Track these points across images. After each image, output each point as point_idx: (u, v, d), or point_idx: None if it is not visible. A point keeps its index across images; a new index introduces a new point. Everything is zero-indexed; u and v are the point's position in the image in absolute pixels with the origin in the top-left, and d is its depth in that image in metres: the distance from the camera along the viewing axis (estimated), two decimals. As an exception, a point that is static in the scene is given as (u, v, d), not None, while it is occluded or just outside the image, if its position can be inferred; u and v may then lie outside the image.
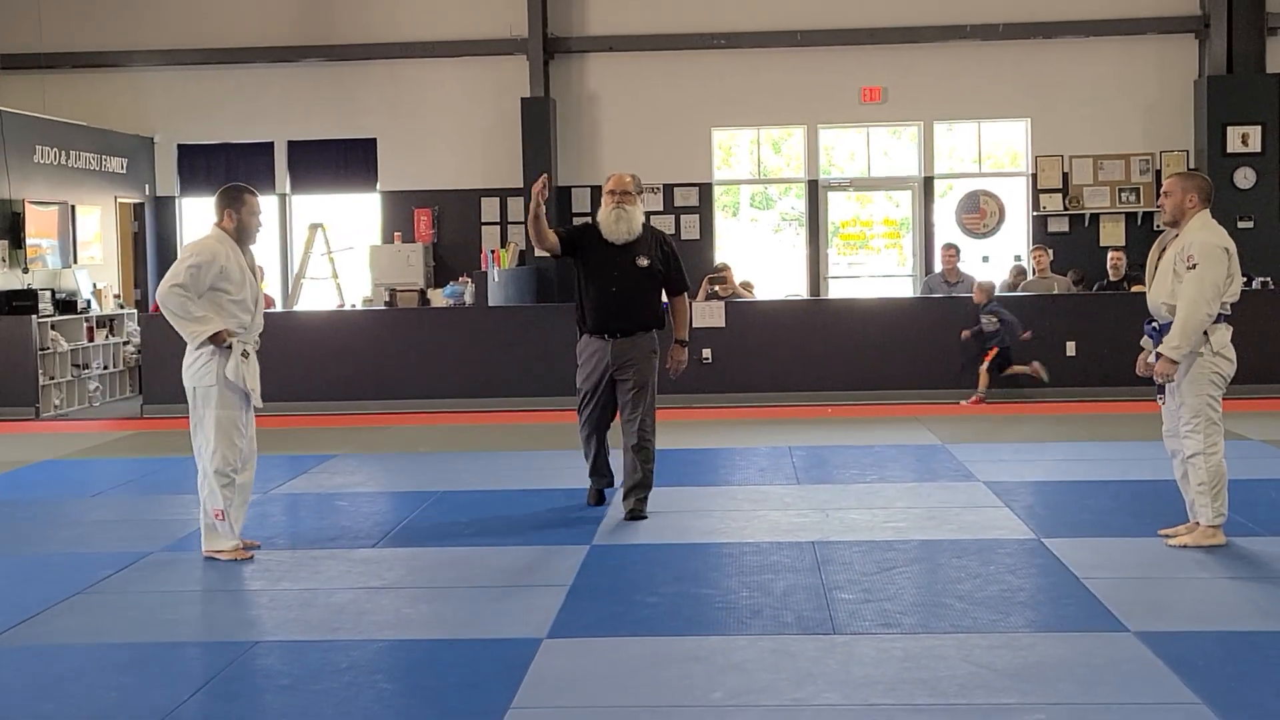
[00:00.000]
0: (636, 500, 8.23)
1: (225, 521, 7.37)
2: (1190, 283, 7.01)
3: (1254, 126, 17.09)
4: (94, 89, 18.33)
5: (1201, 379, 7.14)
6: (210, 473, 7.33)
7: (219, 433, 7.31)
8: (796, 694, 5.06)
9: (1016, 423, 12.14)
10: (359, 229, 18.44)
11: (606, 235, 8.21)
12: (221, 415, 7.32)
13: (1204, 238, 7.10)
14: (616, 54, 18.06)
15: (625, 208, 8.21)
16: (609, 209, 8.23)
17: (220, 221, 7.46)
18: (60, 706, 5.08)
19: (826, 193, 18.24)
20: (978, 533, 7.65)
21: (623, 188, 8.26)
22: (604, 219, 8.24)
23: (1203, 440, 7.13)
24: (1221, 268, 7.06)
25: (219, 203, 7.51)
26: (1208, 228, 7.19)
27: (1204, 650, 5.45)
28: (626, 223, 8.19)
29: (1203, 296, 7.00)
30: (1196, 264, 7.01)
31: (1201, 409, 7.14)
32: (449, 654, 5.66)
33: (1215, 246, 7.08)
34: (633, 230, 8.20)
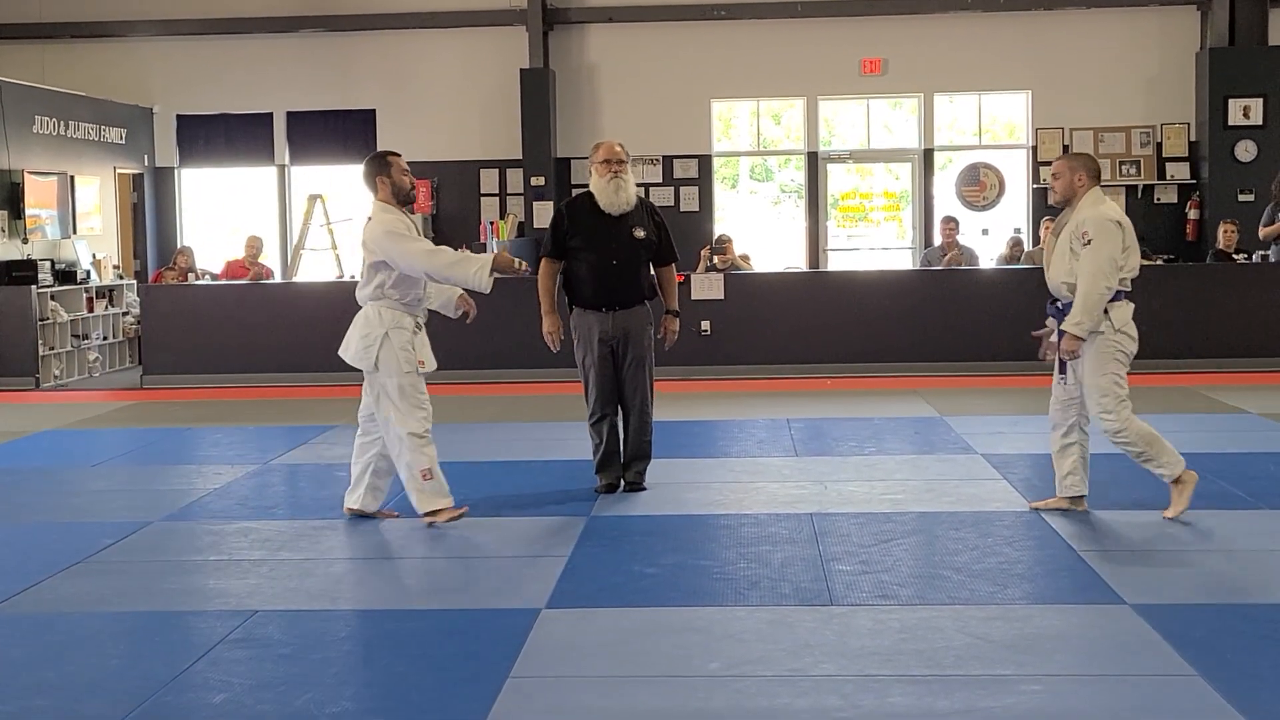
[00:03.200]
0: (635, 472, 8.23)
1: (434, 480, 7.32)
2: (1087, 258, 7.05)
3: (1255, 99, 17.07)
4: (93, 59, 18.30)
5: (1106, 358, 7.13)
6: (404, 436, 7.26)
7: (403, 397, 7.26)
8: (794, 664, 5.08)
9: (1014, 395, 12.14)
10: (358, 200, 18.37)
11: (604, 206, 8.04)
12: (403, 381, 7.27)
13: (1097, 213, 7.15)
14: (616, 25, 18.03)
15: (622, 177, 8.07)
16: (604, 179, 8.04)
17: (378, 195, 7.45)
18: (61, 675, 5.11)
19: (826, 165, 18.23)
20: (975, 505, 7.67)
21: (617, 157, 8.08)
22: (600, 189, 8.05)
23: (1117, 418, 7.14)
24: (1116, 241, 7.10)
25: (368, 175, 7.48)
26: (1101, 203, 7.25)
27: (1200, 623, 5.47)
28: (625, 193, 8.05)
29: (1100, 271, 7.02)
30: (1091, 239, 7.05)
31: (1110, 388, 7.14)
32: (448, 624, 5.68)
33: (1109, 221, 7.13)
34: (630, 200, 8.07)
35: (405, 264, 7.24)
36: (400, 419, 7.27)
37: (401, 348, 7.30)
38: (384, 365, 7.30)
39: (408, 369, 7.30)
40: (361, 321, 7.45)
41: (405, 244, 7.24)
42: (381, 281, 7.34)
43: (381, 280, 7.34)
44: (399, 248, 7.23)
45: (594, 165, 8.13)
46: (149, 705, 4.75)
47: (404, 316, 7.37)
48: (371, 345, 7.32)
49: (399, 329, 7.33)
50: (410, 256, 7.23)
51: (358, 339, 7.40)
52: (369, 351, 7.32)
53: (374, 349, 7.31)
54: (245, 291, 14.74)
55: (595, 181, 8.10)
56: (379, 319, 7.35)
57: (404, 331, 7.34)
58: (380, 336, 7.31)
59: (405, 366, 7.29)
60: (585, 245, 8.09)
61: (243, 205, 18.90)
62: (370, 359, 7.32)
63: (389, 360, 7.29)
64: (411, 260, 7.23)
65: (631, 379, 8.16)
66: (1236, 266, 14.55)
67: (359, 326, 7.44)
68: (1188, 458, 8.84)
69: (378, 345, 7.31)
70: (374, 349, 7.31)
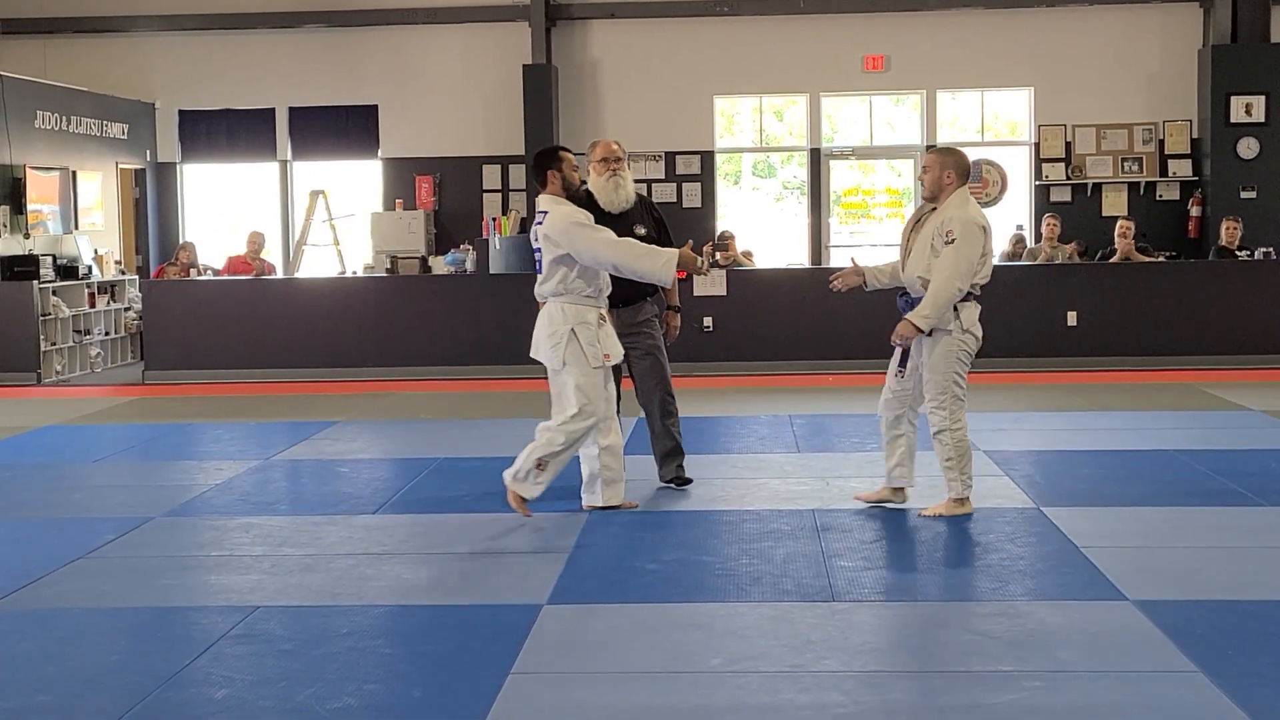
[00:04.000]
0: (676, 466, 8.18)
1: (543, 474, 7.27)
2: (948, 257, 7.06)
3: (1258, 96, 17.05)
4: (95, 54, 18.29)
5: (950, 356, 7.16)
6: (555, 428, 7.25)
7: (579, 395, 7.23)
8: (795, 660, 5.08)
9: (1016, 392, 12.14)
10: (360, 196, 18.42)
11: (604, 205, 7.94)
12: (583, 381, 7.24)
13: (965, 215, 7.16)
14: (619, 21, 18.02)
15: (620, 175, 8.03)
16: (604, 177, 7.98)
17: (547, 188, 7.43)
18: (62, 670, 5.11)
19: (828, 161, 18.22)
20: (977, 501, 7.64)
21: (615, 155, 8.03)
22: (600, 188, 7.98)
23: (948, 416, 7.18)
24: (978, 245, 7.14)
25: (538, 168, 7.48)
26: (968, 205, 7.27)
27: (1202, 619, 5.47)
28: (624, 190, 8.01)
29: (958, 271, 7.05)
30: (955, 239, 7.06)
31: (948, 386, 7.17)
32: (449, 619, 5.68)
33: (974, 224, 7.15)
34: (629, 198, 8.03)
35: (591, 255, 7.21)
36: (564, 414, 7.26)
37: (588, 344, 7.26)
38: (570, 362, 7.26)
39: (595, 365, 7.26)
40: (546, 320, 7.40)
41: (591, 234, 7.22)
42: (564, 276, 7.28)
43: (564, 275, 7.28)
44: (585, 238, 7.20)
45: (592, 164, 8.08)
46: (150, 701, 4.75)
47: (587, 311, 7.33)
48: (559, 344, 7.27)
49: (584, 324, 7.29)
50: (597, 247, 7.20)
51: (545, 338, 7.35)
52: (556, 350, 7.28)
53: (561, 347, 7.27)
54: (247, 287, 14.74)
55: (594, 180, 8.04)
56: (562, 316, 7.30)
57: (589, 327, 7.30)
58: (566, 334, 7.27)
59: (592, 363, 7.26)
60: None
61: (245, 201, 18.91)
62: (559, 357, 7.28)
63: (575, 358, 7.25)
64: (598, 251, 7.20)
65: (649, 374, 8.09)
66: (1239, 263, 14.54)
67: (544, 325, 7.39)
68: (1190, 455, 8.90)
69: (564, 343, 7.26)
70: (561, 347, 7.27)
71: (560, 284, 7.32)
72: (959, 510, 7.30)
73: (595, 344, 7.30)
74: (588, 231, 7.23)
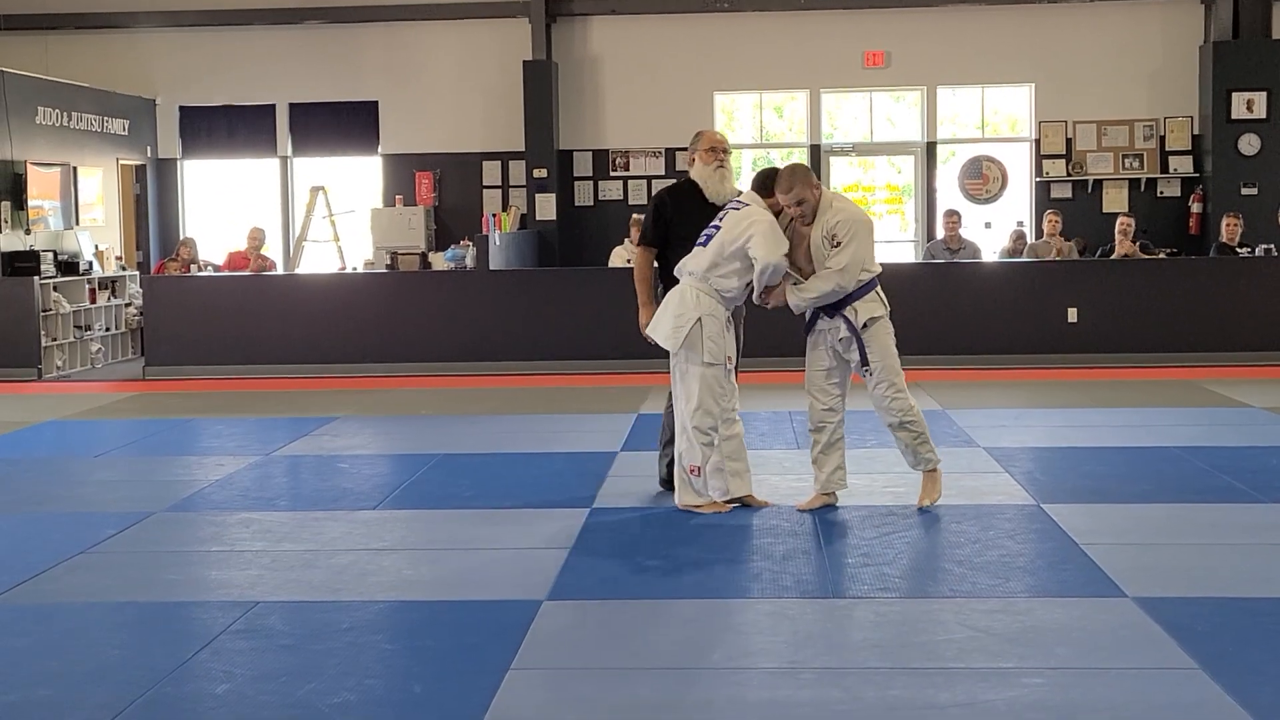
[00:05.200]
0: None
1: (700, 478, 7.26)
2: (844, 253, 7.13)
3: (1259, 92, 17.05)
4: (96, 50, 18.28)
5: (890, 339, 7.33)
6: (689, 428, 7.19)
7: (702, 387, 7.16)
8: (795, 656, 5.08)
9: (1017, 389, 12.15)
10: (360, 192, 18.42)
11: (711, 196, 7.66)
12: (707, 372, 7.17)
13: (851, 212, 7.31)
14: (619, 17, 18.01)
15: (727, 166, 7.80)
16: (710, 167, 7.71)
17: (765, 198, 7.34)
18: (64, 665, 5.11)
19: (829, 158, 18.21)
20: (977, 498, 7.67)
21: (722, 145, 7.79)
22: (706, 178, 7.71)
23: (906, 397, 7.36)
24: (870, 239, 7.29)
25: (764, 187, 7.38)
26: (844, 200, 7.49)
27: (1201, 616, 5.47)
28: (730, 182, 7.73)
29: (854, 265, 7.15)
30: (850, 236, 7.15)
31: (899, 369, 7.34)
32: (450, 615, 5.69)
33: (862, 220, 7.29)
34: (734, 190, 7.72)
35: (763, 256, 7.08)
36: (692, 410, 7.19)
37: (711, 337, 7.18)
38: (692, 349, 7.17)
39: (713, 361, 7.19)
40: (676, 300, 7.28)
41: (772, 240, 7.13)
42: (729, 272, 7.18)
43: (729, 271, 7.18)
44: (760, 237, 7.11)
45: (698, 153, 7.79)
46: (151, 695, 4.75)
47: (719, 306, 7.23)
48: (683, 327, 7.16)
49: (713, 316, 7.20)
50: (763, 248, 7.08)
51: (670, 319, 7.23)
52: (679, 333, 7.17)
53: (684, 330, 7.16)
54: (248, 283, 14.74)
55: (700, 170, 7.76)
56: (695, 302, 7.20)
57: (717, 320, 7.22)
58: (693, 320, 7.17)
59: (712, 358, 7.18)
60: (693, 235, 7.59)
61: (245, 197, 18.90)
62: (679, 339, 7.17)
63: (698, 345, 7.16)
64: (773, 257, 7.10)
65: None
66: (1240, 260, 14.54)
67: (673, 304, 7.27)
68: (1191, 452, 8.90)
69: (688, 327, 7.16)
70: (684, 330, 7.16)
71: (711, 270, 7.19)
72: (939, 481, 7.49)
73: (719, 340, 7.21)
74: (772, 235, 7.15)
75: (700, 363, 7.18)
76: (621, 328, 13.97)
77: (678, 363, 7.29)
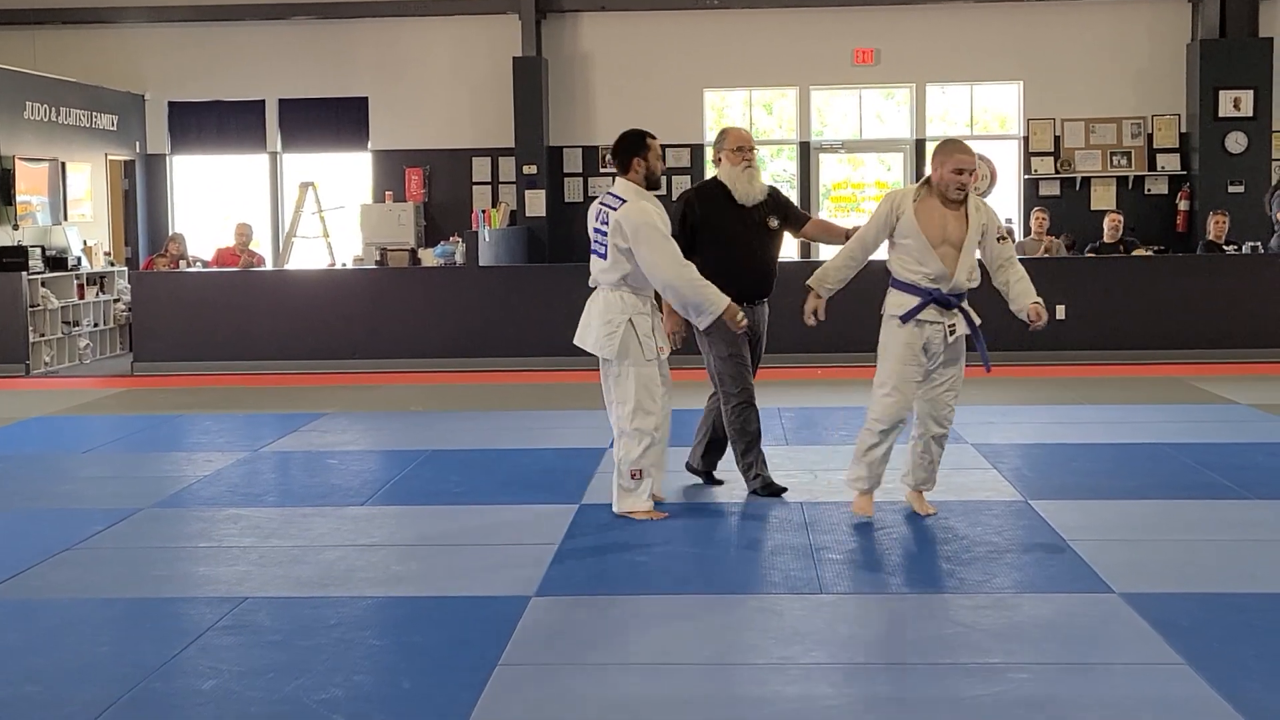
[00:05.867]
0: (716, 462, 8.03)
1: (643, 482, 7.15)
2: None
3: (1246, 91, 17.07)
4: (85, 45, 18.25)
5: None
6: (630, 430, 7.09)
7: (639, 388, 7.06)
8: (783, 653, 5.09)
9: (1005, 385, 12.16)
10: (350, 188, 18.40)
11: (740, 198, 7.55)
12: (642, 371, 7.08)
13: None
14: (609, 14, 18.01)
15: (754, 166, 7.62)
16: (738, 168, 7.56)
17: (628, 174, 7.20)
18: (51, 660, 5.11)
19: (818, 155, 18.23)
20: (965, 494, 7.68)
21: (750, 144, 7.62)
22: (735, 179, 7.57)
23: None
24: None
25: (624, 153, 7.23)
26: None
27: (1188, 612, 5.49)
28: (759, 182, 7.60)
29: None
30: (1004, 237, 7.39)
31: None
32: (438, 611, 5.69)
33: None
34: (763, 189, 7.62)
35: (649, 265, 6.94)
36: (630, 412, 7.08)
37: (645, 335, 7.09)
38: (627, 351, 7.07)
39: (649, 358, 7.09)
40: (602, 307, 7.16)
41: (662, 245, 6.95)
42: (627, 273, 7.05)
43: (627, 272, 7.05)
44: (653, 247, 6.93)
45: (725, 153, 7.64)
46: (138, 691, 4.75)
47: (642, 301, 7.13)
48: (614, 332, 7.07)
49: (641, 314, 7.11)
50: (660, 261, 6.93)
51: (599, 325, 7.13)
52: (611, 339, 7.07)
53: (617, 335, 7.06)
54: (236, 279, 14.73)
55: (727, 170, 7.62)
56: (621, 304, 7.09)
57: (646, 317, 7.13)
58: (624, 324, 7.07)
59: (647, 355, 7.09)
60: (723, 237, 7.57)
61: (234, 192, 18.87)
62: (613, 346, 7.07)
63: (632, 348, 7.07)
64: (657, 265, 6.93)
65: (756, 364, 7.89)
66: (1226, 257, 14.57)
67: (599, 312, 7.16)
68: (1178, 448, 8.93)
69: (620, 333, 7.07)
70: (617, 335, 7.06)
71: (622, 279, 7.08)
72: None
73: (652, 335, 7.12)
74: (659, 241, 6.96)
75: (639, 363, 7.07)
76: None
77: (610, 367, 7.17)
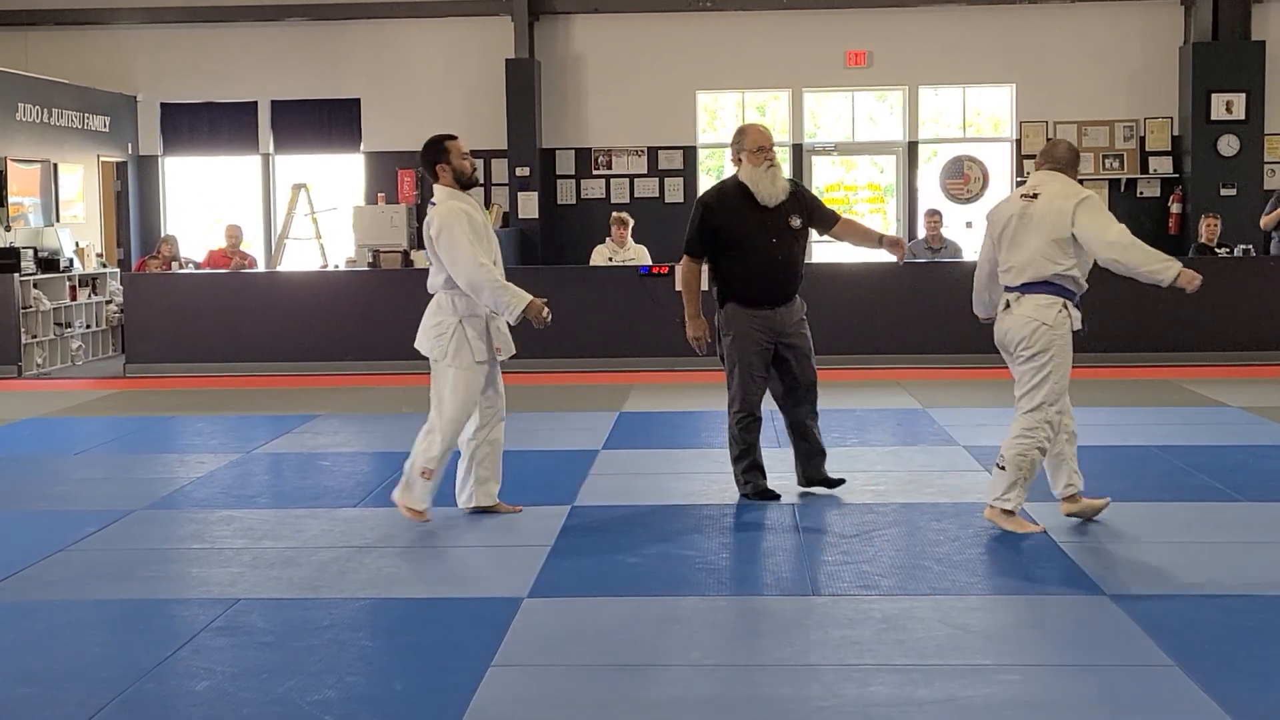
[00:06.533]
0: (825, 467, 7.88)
1: (430, 483, 7.16)
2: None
3: (1238, 94, 17.12)
4: (77, 46, 18.24)
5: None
6: (436, 428, 7.11)
7: (454, 393, 7.07)
8: (776, 654, 5.10)
9: (998, 388, 12.15)
10: (342, 189, 18.40)
11: (762, 198, 7.38)
12: (462, 375, 7.08)
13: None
14: (601, 15, 18.02)
15: (776, 165, 7.48)
16: (760, 168, 7.41)
17: (440, 180, 7.16)
18: (44, 662, 5.11)
19: (811, 157, 18.25)
20: (957, 496, 7.69)
21: (770, 143, 7.48)
22: (757, 179, 7.41)
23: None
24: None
25: (427, 162, 7.18)
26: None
27: (1178, 614, 5.51)
28: (781, 181, 7.45)
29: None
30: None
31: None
32: (431, 612, 5.70)
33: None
34: (785, 189, 7.46)
35: (449, 264, 6.97)
36: (443, 413, 7.10)
37: (475, 338, 7.10)
38: (452, 355, 7.07)
39: (479, 358, 7.10)
40: (434, 309, 7.19)
41: (461, 245, 6.94)
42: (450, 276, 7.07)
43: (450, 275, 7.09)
44: (453, 246, 6.95)
45: (745, 153, 7.46)
46: (131, 693, 4.75)
47: (477, 304, 7.11)
48: (444, 334, 7.09)
49: (473, 316, 7.11)
50: (460, 260, 6.94)
51: (430, 327, 7.16)
52: (440, 340, 7.09)
53: (446, 338, 7.08)
54: (229, 280, 14.72)
55: (748, 171, 7.45)
56: (451, 307, 7.11)
57: (478, 319, 7.13)
58: (454, 325, 7.09)
59: (477, 356, 7.09)
60: (743, 241, 7.44)
61: (227, 194, 18.87)
62: (441, 348, 7.09)
63: (460, 351, 7.07)
64: (457, 264, 6.95)
65: (801, 374, 7.68)
66: (1218, 260, 14.59)
67: (431, 315, 7.19)
68: (1169, 450, 8.96)
69: (450, 334, 7.09)
70: (446, 338, 7.08)
71: (449, 280, 7.08)
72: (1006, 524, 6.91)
73: (482, 339, 7.14)
74: (460, 241, 6.95)
75: (466, 366, 7.08)
76: (603, 326, 14.06)
77: (439, 369, 7.17)
